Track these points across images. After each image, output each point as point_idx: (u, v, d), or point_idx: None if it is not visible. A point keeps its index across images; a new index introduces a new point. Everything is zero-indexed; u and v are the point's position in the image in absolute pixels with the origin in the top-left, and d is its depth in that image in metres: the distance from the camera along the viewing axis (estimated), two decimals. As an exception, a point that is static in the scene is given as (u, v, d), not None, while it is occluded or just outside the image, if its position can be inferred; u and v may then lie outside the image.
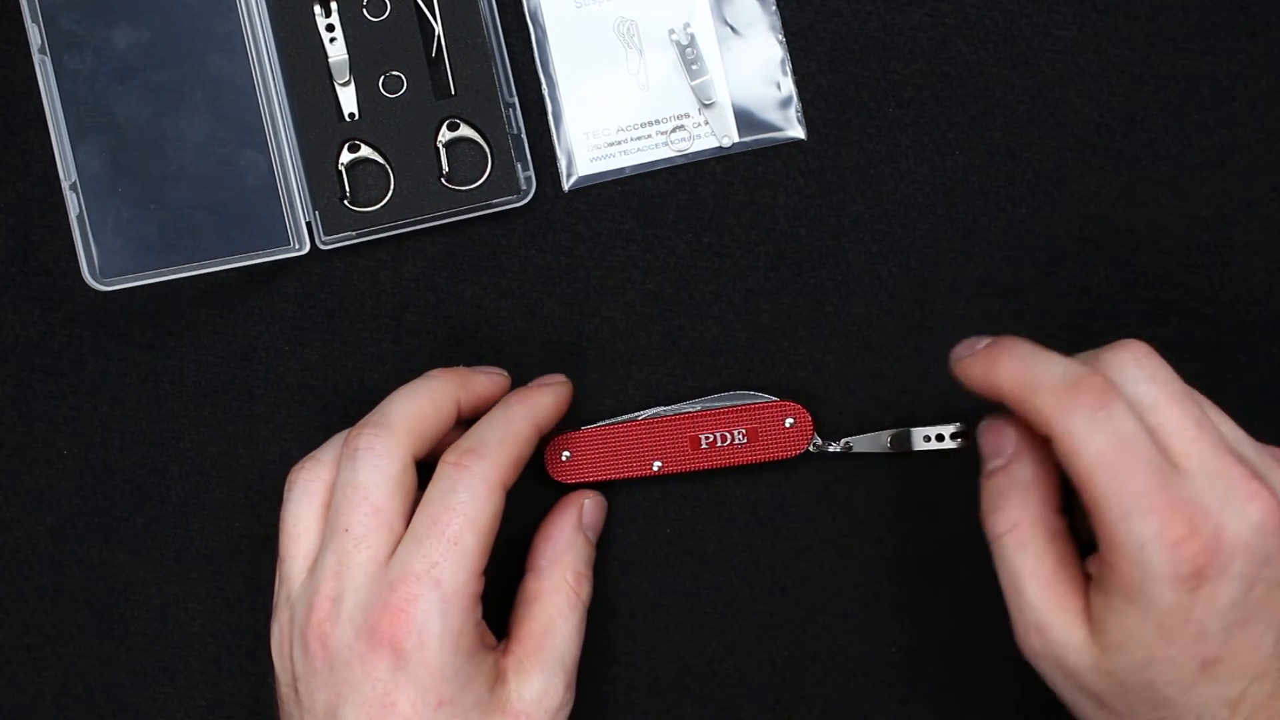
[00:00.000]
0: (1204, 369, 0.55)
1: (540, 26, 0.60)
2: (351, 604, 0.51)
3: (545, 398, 0.56)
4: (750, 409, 0.59)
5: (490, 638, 0.53)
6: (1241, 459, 0.49)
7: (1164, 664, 0.48)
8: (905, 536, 0.60)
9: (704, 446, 0.59)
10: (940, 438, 0.59)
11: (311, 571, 0.52)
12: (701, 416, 0.59)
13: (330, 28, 0.58)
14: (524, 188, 0.59)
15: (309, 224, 0.58)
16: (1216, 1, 0.60)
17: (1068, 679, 0.51)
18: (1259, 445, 0.51)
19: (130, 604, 0.60)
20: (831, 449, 0.59)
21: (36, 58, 0.57)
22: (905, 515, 0.60)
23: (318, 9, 0.58)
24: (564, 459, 0.59)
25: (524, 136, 0.59)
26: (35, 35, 0.57)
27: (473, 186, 0.58)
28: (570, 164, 0.60)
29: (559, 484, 0.59)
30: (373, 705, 0.50)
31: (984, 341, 0.52)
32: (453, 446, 0.53)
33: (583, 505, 0.57)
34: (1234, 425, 0.51)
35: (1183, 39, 0.60)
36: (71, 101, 0.57)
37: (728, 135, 0.60)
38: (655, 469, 0.59)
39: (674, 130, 0.60)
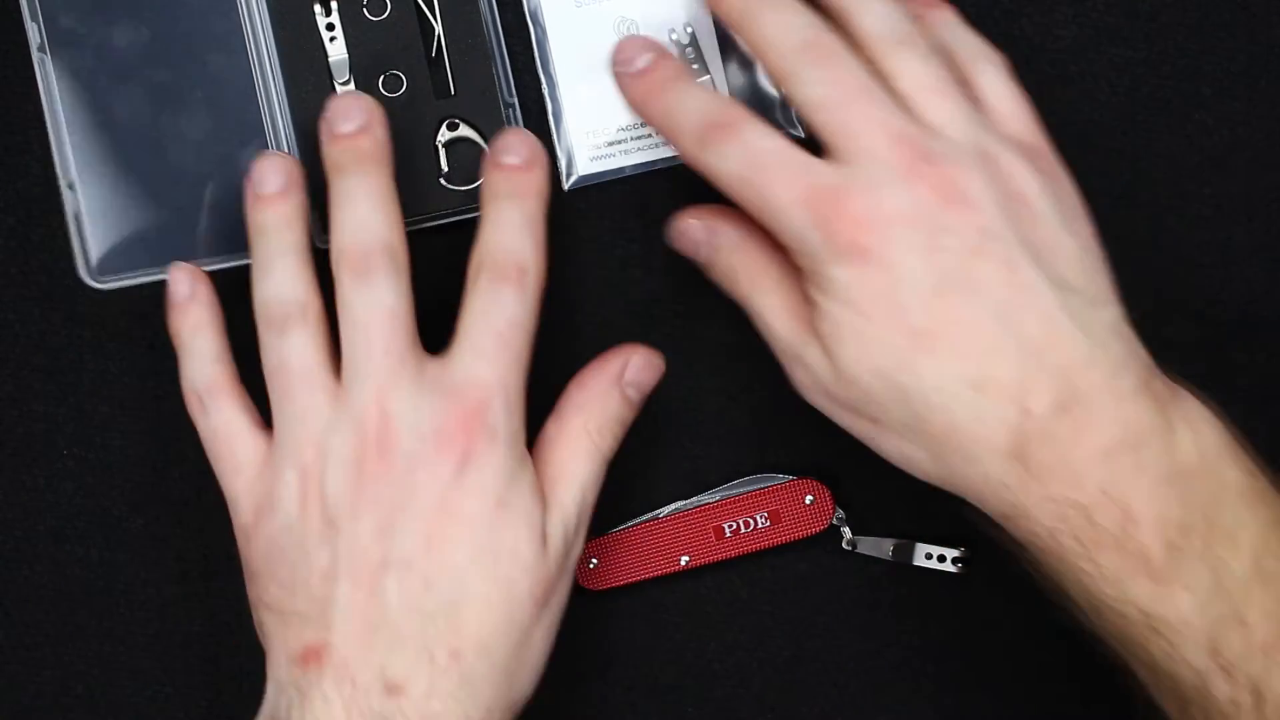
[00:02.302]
0: (1204, 369, 0.55)
1: (540, 26, 0.59)
2: (412, 416, 0.51)
3: (530, 196, 0.54)
4: (769, 491, 0.59)
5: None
6: (909, 141, 0.50)
7: (876, 347, 0.50)
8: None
9: (728, 535, 0.59)
10: (941, 559, 0.59)
11: (341, 399, 0.52)
12: (722, 506, 0.59)
13: (330, 27, 0.58)
14: (524, 188, 0.59)
15: None
16: (1216, 1, 0.60)
17: (833, 403, 0.52)
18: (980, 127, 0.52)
19: (130, 604, 0.60)
20: (844, 533, 0.59)
21: (36, 56, 0.57)
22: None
23: (318, 8, 0.58)
24: (591, 566, 0.59)
25: (524, 137, 0.59)
26: (35, 34, 0.57)
27: (472, 186, 0.58)
28: (570, 164, 0.60)
29: (590, 592, 0.59)
30: (434, 510, 0.51)
31: (642, 58, 0.55)
32: (484, 263, 0.53)
33: (628, 360, 0.56)
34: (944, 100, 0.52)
35: (1183, 39, 0.60)
36: (71, 100, 0.57)
37: None
38: (683, 564, 0.59)
39: None
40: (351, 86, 0.58)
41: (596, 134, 0.59)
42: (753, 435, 0.60)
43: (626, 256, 0.60)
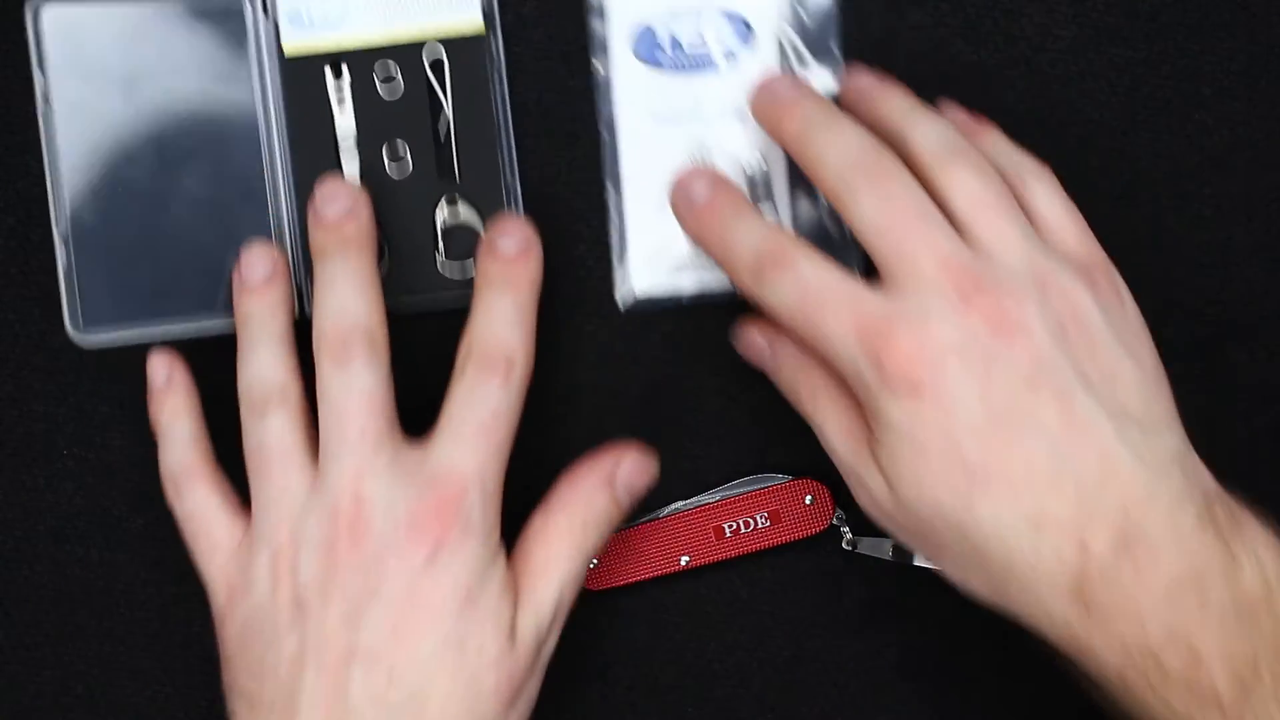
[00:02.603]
0: (1204, 369, 0.55)
1: (614, 136, 0.58)
2: (386, 501, 0.51)
3: (523, 287, 0.54)
4: (769, 491, 0.59)
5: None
6: (962, 269, 0.49)
7: (932, 481, 0.49)
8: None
9: (728, 535, 0.59)
10: None
11: (317, 485, 0.52)
12: (722, 506, 0.59)
13: (340, 93, 0.58)
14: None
15: (299, 287, 0.57)
16: (1216, 1, 0.60)
17: (893, 524, 0.52)
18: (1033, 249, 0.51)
19: (130, 604, 0.60)
20: (844, 533, 0.59)
21: (40, 107, 0.57)
22: (905, 515, 0.60)
23: (329, 74, 0.57)
24: (591, 566, 0.59)
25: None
26: (40, 81, 0.57)
27: (470, 274, 0.57)
28: (627, 281, 0.59)
29: (590, 592, 0.59)
30: (402, 599, 0.50)
31: (700, 189, 0.54)
32: (473, 352, 0.53)
33: (620, 461, 0.55)
34: (1011, 222, 0.51)
35: (1183, 39, 0.60)
36: (70, 151, 0.57)
37: None
38: (683, 564, 0.59)
39: None
40: (355, 156, 0.58)
41: (659, 254, 0.58)
42: (753, 435, 0.60)
43: (626, 256, 0.60)
